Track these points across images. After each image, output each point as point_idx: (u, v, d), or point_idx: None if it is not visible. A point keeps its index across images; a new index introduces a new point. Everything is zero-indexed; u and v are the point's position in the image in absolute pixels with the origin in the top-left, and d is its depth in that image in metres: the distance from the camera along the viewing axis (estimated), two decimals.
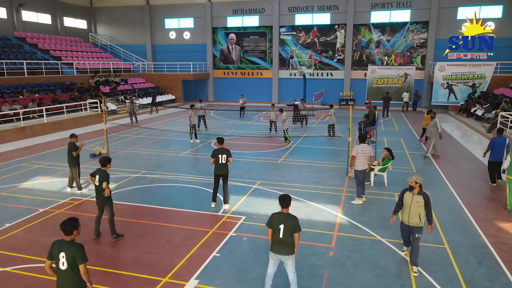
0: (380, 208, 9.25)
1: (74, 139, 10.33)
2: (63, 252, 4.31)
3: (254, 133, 18.93)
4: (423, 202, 6.26)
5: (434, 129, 13.66)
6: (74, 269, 4.30)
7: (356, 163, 9.45)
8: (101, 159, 7.61)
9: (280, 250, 5.49)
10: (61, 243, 4.39)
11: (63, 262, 4.30)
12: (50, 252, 4.41)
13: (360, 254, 6.99)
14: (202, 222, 8.54)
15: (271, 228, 5.50)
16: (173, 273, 6.36)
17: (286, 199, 5.54)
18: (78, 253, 4.29)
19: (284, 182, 11.29)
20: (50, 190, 10.57)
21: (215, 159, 9.08)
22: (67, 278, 4.32)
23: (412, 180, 6.31)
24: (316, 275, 6.28)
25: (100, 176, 7.43)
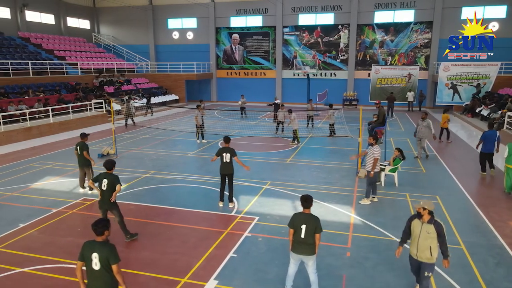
0: (393, 208, 9.25)
1: (85, 138, 10.33)
2: (96, 252, 4.33)
3: (260, 133, 18.94)
4: (435, 233, 5.20)
5: (426, 130, 13.37)
6: (107, 269, 4.34)
7: (369, 164, 9.43)
8: (106, 163, 7.30)
9: (301, 250, 5.49)
10: (93, 243, 4.42)
11: (96, 262, 4.33)
12: (81, 253, 4.43)
13: (378, 255, 6.99)
14: (216, 222, 8.53)
15: (293, 228, 5.49)
16: (192, 274, 6.35)
17: (308, 199, 5.54)
18: (111, 254, 4.34)
19: (294, 182, 11.28)
20: (61, 191, 10.57)
21: (219, 157, 9.14)
22: (99, 278, 4.35)
23: (419, 205, 5.31)
24: (335, 276, 6.28)
25: (111, 180, 7.15)
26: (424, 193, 10.25)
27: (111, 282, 4.38)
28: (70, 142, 17.27)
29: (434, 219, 5.26)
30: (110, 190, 7.18)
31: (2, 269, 6.47)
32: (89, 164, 10.23)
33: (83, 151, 10.11)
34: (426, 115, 13.66)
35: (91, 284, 4.40)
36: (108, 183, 7.14)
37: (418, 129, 13.56)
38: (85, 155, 10.11)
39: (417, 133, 13.60)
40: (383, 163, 11.22)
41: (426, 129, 13.38)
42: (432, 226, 5.21)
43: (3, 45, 24.82)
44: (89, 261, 4.36)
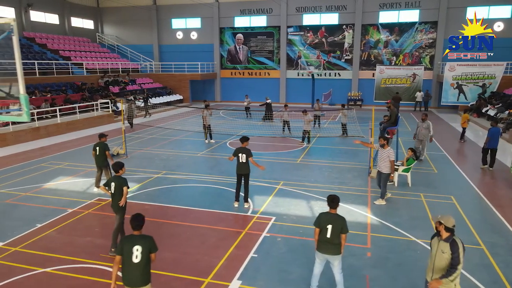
0: (409, 208, 9.24)
1: (104, 138, 10.31)
2: (138, 245, 4.61)
3: (267, 133, 18.94)
4: (449, 253, 4.48)
5: (426, 132, 13.19)
6: (147, 260, 4.66)
7: (383, 166, 9.41)
8: (114, 165, 7.07)
9: (327, 250, 5.49)
10: (133, 238, 4.70)
11: (137, 255, 4.60)
12: (121, 247, 4.65)
13: (398, 255, 6.99)
14: (233, 222, 8.53)
15: (319, 228, 5.48)
16: (214, 274, 6.35)
17: (335, 199, 5.55)
18: (152, 244, 4.73)
19: (307, 182, 11.28)
20: (75, 191, 10.57)
21: (236, 157, 9.16)
22: (139, 269, 4.63)
23: (436, 219, 4.68)
24: (358, 276, 6.27)
25: (119, 183, 6.90)
26: (438, 193, 10.26)
27: (148, 273, 4.74)
28: (78, 142, 17.29)
29: (452, 238, 4.54)
30: (119, 194, 6.91)
31: (25, 269, 6.47)
32: (108, 164, 10.21)
33: (105, 150, 10.09)
34: (426, 116, 13.43)
35: (130, 275, 4.64)
36: (116, 186, 6.91)
37: (418, 131, 13.40)
38: (107, 155, 10.09)
39: (417, 135, 13.42)
40: (396, 163, 11.21)
41: (426, 130, 13.19)
42: (448, 245, 4.49)
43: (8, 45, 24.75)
44: (129, 254, 4.60)
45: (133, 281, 4.68)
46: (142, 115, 25.08)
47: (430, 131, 13.21)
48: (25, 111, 3.99)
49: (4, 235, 7.79)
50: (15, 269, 6.47)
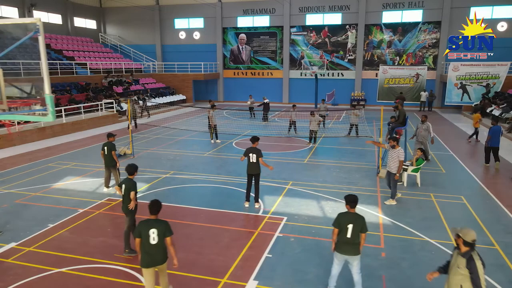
0: (420, 209, 9.24)
1: (112, 138, 10.31)
2: (154, 228, 5.09)
3: (272, 133, 18.93)
4: (467, 270, 4.18)
5: (426, 133, 13.06)
6: (163, 242, 5.15)
7: (393, 166, 9.40)
8: (128, 168, 6.98)
9: (347, 251, 5.49)
10: (149, 222, 5.17)
11: (154, 237, 5.08)
12: (138, 231, 5.13)
13: (413, 255, 6.98)
14: (244, 222, 8.53)
15: (339, 228, 5.47)
16: (230, 274, 6.34)
17: (356, 199, 5.57)
18: (167, 227, 5.17)
19: (316, 182, 11.27)
20: (84, 191, 10.56)
21: (246, 157, 9.16)
22: (157, 250, 5.15)
23: (455, 231, 4.38)
24: (374, 276, 6.27)
25: (128, 185, 6.86)
26: (448, 193, 10.25)
27: (165, 253, 5.22)
28: (84, 142, 17.28)
29: (470, 254, 4.21)
30: (127, 197, 6.88)
31: (40, 269, 6.47)
32: (115, 164, 10.20)
33: (111, 151, 10.08)
34: (425, 118, 13.25)
35: (149, 255, 5.13)
36: (125, 189, 6.86)
37: (417, 132, 13.24)
38: (113, 155, 10.08)
39: (417, 136, 13.29)
40: (405, 163, 11.19)
41: (425, 132, 13.05)
42: (464, 261, 4.18)
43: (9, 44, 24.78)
44: (146, 237, 5.08)
45: (153, 260, 5.18)
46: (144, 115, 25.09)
47: (430, 133, 13.02)
48: (51, 111, 3.99)
49: (17, 235, 7.78)
50: (30, 269, 6.47)
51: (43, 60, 4.05)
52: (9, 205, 9.48)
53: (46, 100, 3.92)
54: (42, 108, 4.16)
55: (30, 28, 20.28)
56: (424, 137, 13.12)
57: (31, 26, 4.16)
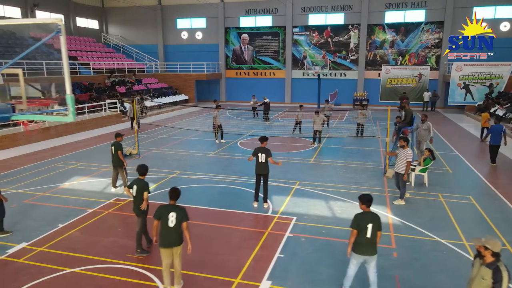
0: (429, 209, 9.24)
1: (119, 138, 10.30)
2: (173, 212, 5.61)
3: (276, 133, 18.93)
4: (491, 281, 4.03)
5: (426, 133, 12.97)
6: (179, 226, 5.64)
7: (402, 167, 9.41)
8: (139, 168, 6.97)
9: (367, 251, 5.51)
10: (168, 206, 5.69)
11: (172, 220, 5.58)
12: (158, 214, 5.65)
13: (424, 255, 6.98)
14: (254, 223, 8.53)
15: (358, 229, 5.46)
16: (243, 274, 6.34)
17: (371, 199, 5.63)
18: (185, 213, 5.69)
19: (323, 182, 11.27)
20: (92, 191, 10.56)
21: (255, 157, 9.15)
22: (174, 232, 5.64)
23: (480, 243, 4.11)
24: (387, 277, 6.27)
25: (140, 186, 6.86)
26: (456, 193, 10.25)
27: (181, 235, 5.72)
28: (89, 142, 17.29)
29: (497, 264, 4.06)
30: (139, 197, 6.86)
31: (53, 269, 6.47)
32: (122, 164, 10.19)
33: (117, 150, 10.08)
34: (426, 117, 13.16)
35: (167, 237, 5.63)
36: (137, 189, 6.85)
37: (417, 132, 13.12)
38: (119, 155, 10.07)
39: (417, 136, 13.19)
40: (413, 163, 11.19)
41: (425, 131, 12.96)
42: (490, 273, 4.02)
43: (16, 45, 24.82)
44: (165, 220, 5.59)
45: (170, 241, 5.63)
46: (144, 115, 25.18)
47: (430, 132, 12.94)
48: (71, 111, 3.99)
49: (28, 235, 7.78)
50: (43, 269, 6.47)
51: (64, 60, 4.05)
52: (17, 205, 9.47)
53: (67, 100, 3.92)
54: (63, 108, 4.15)
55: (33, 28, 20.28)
56: (423, 136, 13.02)
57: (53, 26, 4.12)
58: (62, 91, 4.55)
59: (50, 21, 4.20)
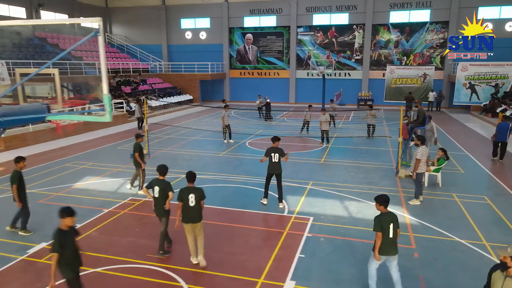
0: (445, 209, 9.24)
1: (139, 139, 10.29)
2: (193, 193, 6.47)
3: (284, 133, 18.91)
4: None
5: (430, 134, 12.88)
6: (199, 204, 6.52)
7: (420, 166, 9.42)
8: (160, 168, 7.01)
9: (389, 251, 5.52)
10: (188, 188, 6.54)
11: (192, 200, 6.45)
12: (181, 195, 6.44)
13: (445, 255, 6.97)
14: (271, 223, 8.53)
15: (382, 231, 5.45)
16: (266, 274, 6.34)
17: (388, 199, 5.64)
18: (202, 193, 6.59)
19: (336, 182, 11.27)
20: (105, 191, 10.56)
21: (268, 157, 9.17)
22: (194, 210, 6.50)
23: (506, 253, 3.96)
24: (411, 277, 6.26)
25: (163, 186, 6.86)
26: (470, 193, 10.25)
27: (200, 213, 6.59)
28: (97, 142, 17.29)
29: None
30: (163, 198, 6.85)
31: None
32: (139, 165, 10.18)
33: (135, 152, 10.08)
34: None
35: (188, 215, 6.49)
36: (160, 190, 6.84)
37: (421, 132, 13.04)
38: (136, 157, 10.06)
39: None
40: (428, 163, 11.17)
41: (429, 132, 12.89)
42: None
43: (22, 45, 24.82)
44: (186, 200, 6.43)
45: (191, 218, 6.47)
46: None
47: (434, 133, 12.89)
48: (108, 110, 3.98)
49: (46, 235, 7.75)
50: None
51: (102, 60, 4.03)
52: (32, 205, 9.43)
53: (104, 100, 3.91)
54: (100, 108, 4.15)
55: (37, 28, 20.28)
56: (428, 137, 12.88)
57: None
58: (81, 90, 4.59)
59: (89, 21, 4.16)
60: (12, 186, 7.56)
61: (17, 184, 7.59)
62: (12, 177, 7.60)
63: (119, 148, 16.12)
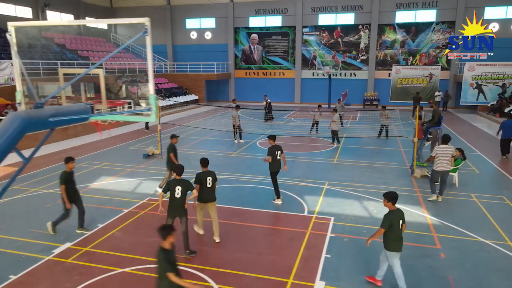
0: (464, 209, 9.24)
1: (174, 139, 10.25)
2: (209, 176, 7.29)
3: (293, 133, 18.92)
4: None
5: (435, 133, 13.07)
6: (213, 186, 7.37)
7: (435, 163, 9.48)
8: (178, 168, 6.99)
9: (400, 247, 5.73)
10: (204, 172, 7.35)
11: (209, 182, 7.28)
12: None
13: (472, 255, 6.96)
14: (293, 223, 8.51)
15: (389, 228, 5.63)
16: (295, 274, 6.34)
17: (397, 195, 5.80)
18: (190, 184, 6.86)
19: (351, 182, 11.26)
20: (123, 191, 10.56)
21: (273, 156, 9.26)
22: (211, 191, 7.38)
23: None
24: (440, 277, 6.26)
25: (185, 186, 6.82)
26: (488, 193, 10.25)
27: (214, 194, 7.44)
28: (108, 142, 17.30)
29: None
30: (184, 198, 6.85)
31: (103, 269, 6.46)
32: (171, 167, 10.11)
33: (169, 153, 10.08)
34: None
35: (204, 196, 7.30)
36: (182, 190, 6.79)
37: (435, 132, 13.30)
38: (171, 157, 10.04)
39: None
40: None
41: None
42: None
43: (30, 45, 24.78)
44: (204, 182, 7.24)
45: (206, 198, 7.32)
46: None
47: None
48: (154, 111, 3.98)
49: (70, 235, 7.78)
50: (93, 269, 6.46)
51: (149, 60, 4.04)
52: (51, 205, 9.48)
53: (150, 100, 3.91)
54: (146, 108, 4.16)
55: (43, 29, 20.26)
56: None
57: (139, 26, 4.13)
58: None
59: (137, 22, 4.19)
60: (61, 187, 7.54)
61: (66, 185, 7.54)
62: (60, 178, 7.57)
63: (130, 148, 16.13)
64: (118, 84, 23.34)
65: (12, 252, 7.09)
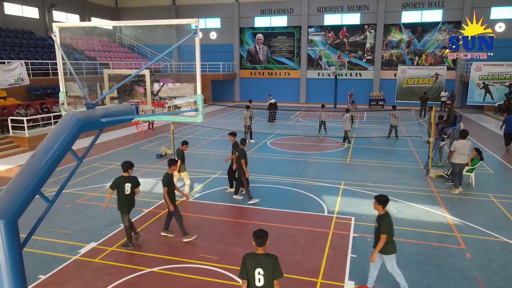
0: (485, 209, 9.24)
1: (185, 146, 10.20)
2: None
3: (301, 133, 18.93)
4: None
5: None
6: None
7: (454, 157, 9.84)
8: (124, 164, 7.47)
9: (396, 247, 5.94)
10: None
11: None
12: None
13: (498, 256, 6.97)
14: (315, 222, 8.52)
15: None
16: (323, 274, 6.35)
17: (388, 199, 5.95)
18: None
19: (367, 182, 11.28)
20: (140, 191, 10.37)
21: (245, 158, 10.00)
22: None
23: None
24: (469, 277, 6.27)
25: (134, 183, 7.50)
26: (506, 193, 10.26)
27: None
28: (119, 142, 17.33)
29: None
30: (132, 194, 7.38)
31: (131, 269, 6.48)
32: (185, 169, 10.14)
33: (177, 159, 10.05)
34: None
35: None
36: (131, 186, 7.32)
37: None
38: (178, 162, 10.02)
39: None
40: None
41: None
42: None
43: (38, 45, 24.86)
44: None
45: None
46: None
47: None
48: (201, 111, 4.00)
49: (93, 235, 7.81)
50: (122, 269, 6.48)
51: (197, 61, 4.06)
52: (71, 205, 9.50)
53: (197, 101, 3.93)
54: (194, 109, 4.18)
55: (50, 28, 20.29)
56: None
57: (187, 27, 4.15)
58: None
59: (185, 22, 4.22)
60: (163, 189, 7.42)
61: (168, 187, 7.43)
62: (164, 180, 7.48)
63: (142, 148, 16.15)
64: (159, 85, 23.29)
65: (39, 252, 7.11)
